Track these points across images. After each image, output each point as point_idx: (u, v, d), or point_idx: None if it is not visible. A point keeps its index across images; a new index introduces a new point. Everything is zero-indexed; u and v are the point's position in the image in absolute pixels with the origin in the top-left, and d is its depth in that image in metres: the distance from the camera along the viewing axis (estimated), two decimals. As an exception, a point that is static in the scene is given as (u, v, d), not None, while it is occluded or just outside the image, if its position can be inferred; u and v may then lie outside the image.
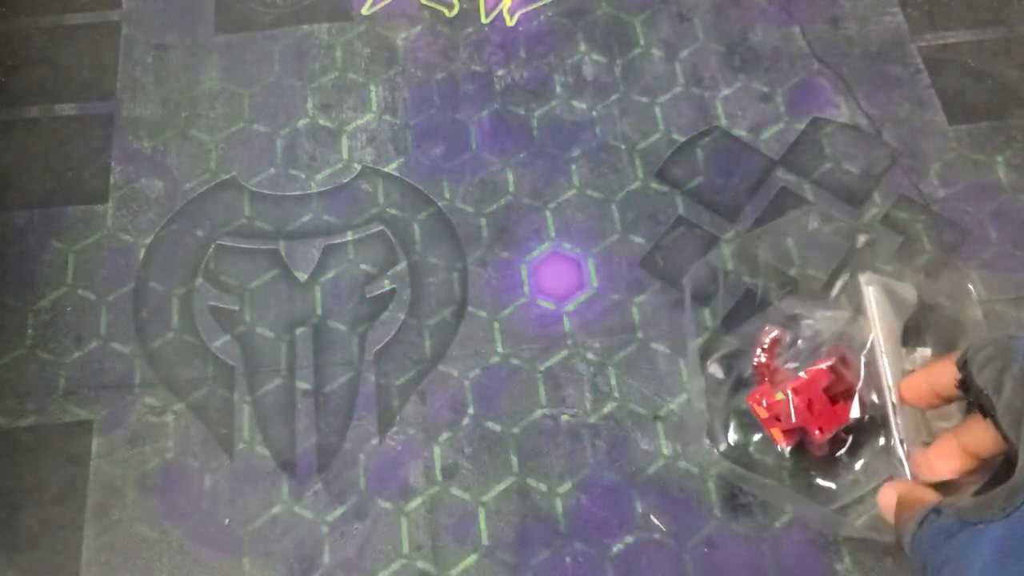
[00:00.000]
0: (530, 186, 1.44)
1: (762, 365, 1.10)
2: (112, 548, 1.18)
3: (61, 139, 1.51)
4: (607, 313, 1.32)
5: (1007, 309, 1.30)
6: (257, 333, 1.33)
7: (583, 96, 1.52)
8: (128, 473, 1.23)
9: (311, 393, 1.27)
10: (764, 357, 1.10)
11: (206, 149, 1.49)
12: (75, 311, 1.35)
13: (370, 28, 1.60)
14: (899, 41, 1.56)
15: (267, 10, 1.62)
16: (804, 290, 1.28)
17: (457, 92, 1.53)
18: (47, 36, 1.61)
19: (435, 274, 1.37)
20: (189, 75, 1.57)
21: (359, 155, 1.48)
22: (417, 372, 1.29)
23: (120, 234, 1.42)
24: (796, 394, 0.94)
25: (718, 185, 1.43)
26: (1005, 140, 1.46)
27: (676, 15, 1.60)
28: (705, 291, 1.32)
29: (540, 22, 1.59)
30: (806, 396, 0.94)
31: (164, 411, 1.27)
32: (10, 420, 1.27)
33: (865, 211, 1.40)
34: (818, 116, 1.48)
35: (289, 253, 1.39)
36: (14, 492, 1.22)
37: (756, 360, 1.12)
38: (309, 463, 1.22)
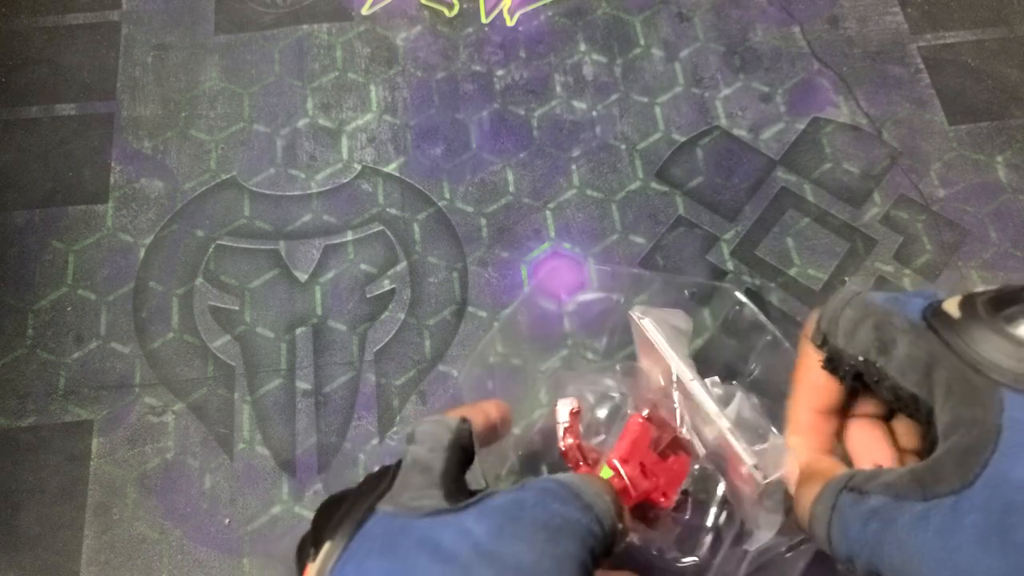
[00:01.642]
0: (530, 186, 1.44)
1: (571, 448, 0.89)
2: (112, 548, 1.18)
3: (61, 139, 1.50)
4: (607, 313, 1.32)
5: (1007, 309, 1.30)
6: (257, 333, 1.33)
7: (583, 96, 1.52)
8: (128, 473, 1.23)
9: (311, 393, 1.27)
10: (570, 438, 0.89)
11: (206, 149, 1.49)
12: (75, 311, 1.35)
13: (370, 28, 1.60)
14: (899, 41, 1.56)
15: (267, 10, 1.62)
16: (572, 360, 1.15)
17: (457, 92, 1.53)
18: (47, 36, 1.61)
19: (435, 274, 1.37)
20: (189, 75, 1.56)
21: (359, 155, 1.48)
22: (417, 372, 1.29)
23: (120, 234, 1.42)
24: (625, 463, 0.77)
25: (718, 185, 1.43)
26: (1005, 140, 1.46)
27: (676, 15, 1.60)
28: (705, 291, 1.32)
29: (540, 22, 1.59)
30: (636, 462, 0.76)
31: (164, 411, 1.27)
32: (10, 420, 1.27)
33: (865, 211, 1.40)
34: (818, 116, 1.48)
35: (289, 253, 1.39)
36: (14, 492, 1.22)
37: (563, 444, 0.90)
38: (309, 463, 1.22)
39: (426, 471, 0.48)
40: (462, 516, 0.43)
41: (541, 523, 0.44)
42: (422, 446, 0.50)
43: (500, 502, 0.44)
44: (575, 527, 0.45)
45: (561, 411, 0.91)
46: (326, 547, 0.44)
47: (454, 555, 0.40)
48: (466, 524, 0.42)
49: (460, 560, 0.40)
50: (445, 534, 0.42)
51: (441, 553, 0.41)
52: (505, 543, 0.42)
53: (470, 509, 0.44)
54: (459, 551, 0.41)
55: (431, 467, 0.48)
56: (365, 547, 0.43)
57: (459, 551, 0.41)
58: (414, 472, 0.48)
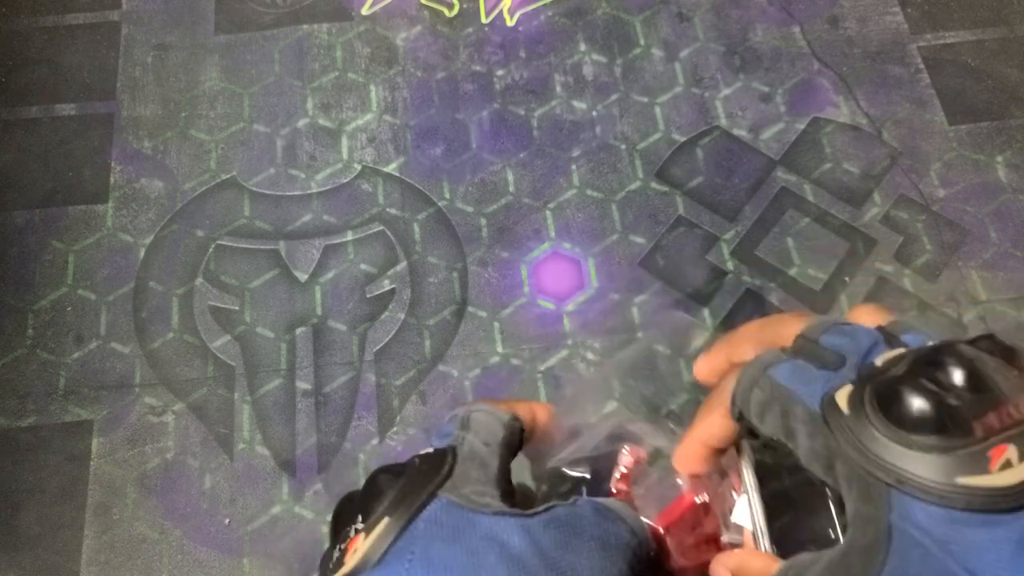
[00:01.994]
0: (530, 186, 1.44)
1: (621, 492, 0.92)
2: (112, 548, 1.18)
3: (61, 139, 1.50)
4: (607, 313, 1.32)
5: (1007, 309, 1.30)
6: (257, 333, 1.33)
7: (583, 96, 1.52)
8: (128, 473, 1.23)
9: (311, 393, 1.27)
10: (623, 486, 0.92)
11: (206, 149, 1.49)
12: (75, 311, 1.35)
13: (370, 28, 1.60)
14: (899, 41, 1.56)
15: (267, 10, 1.62)
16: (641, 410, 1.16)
17: (457, 92, 1.53)
18: (47, 36, 1.61)
19: (435, 274, 1.37)
20: (189, 75, 1.56)
21: (359, 155, 1.48)
22: (417, 372, 1.29)
23: (120, 234, 1.42)
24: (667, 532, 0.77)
25: (718, 185, 1.43)
26: (1005, 140, 1.46)
27: (676, 15, 1.60)
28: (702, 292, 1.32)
29: (540, 22, 1.59)
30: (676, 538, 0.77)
31: (164, 411, 1.27)
32: (10, 420, 1.27)
33: (865, 211, 1.40)
34: (818, 116, 1.48)
35: (289, 253, 1.39)
36: (14, 492, 1.22)
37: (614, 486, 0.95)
38: (309, 463, 1.22)
39: (484, 467, 0.48)
40: (530, 522, 0.44)
41: (600, 540, 0.45)
42: (478, 437, 0.50)
43: (563, 514, 0.45)
44: (625, 547, 0.47)
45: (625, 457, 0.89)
46: (385, 522, 0.45)
47: (521, 558, 0.42)
48: (534, 530, 0.44)
49: (526, 563, 0.42)
50: (513, 536, 0.43)
51: (509, 553, 0.42)
52: (569, 554, 0.43)
53: (538, 517, 0.45)
54: (526, 554, 0.42)
55: (488, 464, 0.49)
56: (431, 531, 0.43)
57: (526, 554, 0.42)
58: (473, 465, 0.48)
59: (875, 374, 0.42)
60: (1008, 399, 0.38)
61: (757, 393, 0.45)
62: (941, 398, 0.38)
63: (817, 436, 0.42)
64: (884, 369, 0.41)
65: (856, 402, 0.41)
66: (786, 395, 0.44)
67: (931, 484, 0.38)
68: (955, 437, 0.38)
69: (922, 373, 0.39)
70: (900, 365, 0.41)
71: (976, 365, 0.38)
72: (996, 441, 0.37)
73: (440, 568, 0.40)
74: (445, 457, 0.48)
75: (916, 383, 0.39)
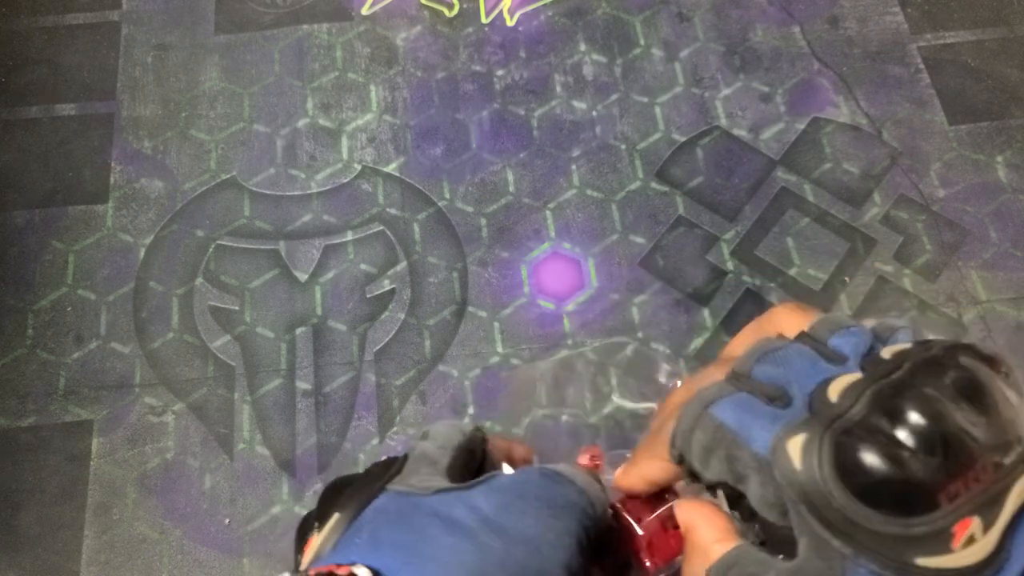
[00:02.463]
0: (530, 186, 1.44)
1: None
2: (112, 548, 1.18)
3: (61, 139, 1.50)
4: (607, 313, 1.32)
5: (1007, 309, 1.30)
6: (257, 333, 1.33)
7: (583, 96, 1.52)
8: (128, 473, 1.23)
9: (311, 393, 1.27)
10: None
11: (206, 149, 1.49)
12: (75, 311, 1.35)
13: (370, 28, 1.60)
14: (899, 41, 1.56)
15: (267, 10, 1.62)
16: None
17: (457, 92, 1.53)
18: (47, 36, 1.61)
19: (435, 274, 1.37)
20: (189, 75, 1.56)
21: (359, 155, 1.48)
22: (417, 372, 1.29)
23: (120, 234, 1.42)
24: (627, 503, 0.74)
25: (718, 185, 1.43)
26: (1005, 140, 1.46)
27: (676, 15, 1.60)
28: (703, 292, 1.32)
29: (540, 22, 1.59)
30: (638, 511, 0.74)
31: (164, 411, 1.27)
32: (10, 420, 1.27)
33: (865, 211, 1.40)
34: (818, 116, 1.48)
35: (289, 253, 1.39)
36: (14, 492, 1.22)
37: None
38: (309, 463, 1.22)
39: (433, 464, 0.48)
40: (470, 493, 0.44)
41: (545, 500, 0.45)
42: (432, 443, 0.51)
43: (506, 482, 0.46)
44: (573, 507, 0.46)
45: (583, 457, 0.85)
46: (335, 517, 0.45)
47: (465, 526, 0.42)
48: (475, 500, 0.44)
49: (470, 530, 0.42)
50: (455, 508, 0.43)
51: (452, 524, 0.42)
52: (512, 516, 0.44)
53: (478, 487, 0.45)
54: (469, 522, 0.42)
55: (438, 461, 0.49)
56: (379, 519, 0.44)
57: (469, 522, 0.42)
58: (422, 463, 0.48)
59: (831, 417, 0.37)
60: (976, 457, 0.34)
61: (699, 435, 0.41)
62: (905, 465, 0.34)
63: (768, 485, 0.38)
64: (840, 410, 0.36)
65: (811, 457, 0.37)
66: (731, 438, 0.40)
67: (887, 562, 0.35)
68: (918, 513, 0.34)
69: (883, 423, 0.35)
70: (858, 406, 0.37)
71: (942, 415, 0.33)
72: (961, 514, 0.33)
73: (387, 546, 0.41)
74: (395, 461, 0.49)
75: (877, 443, 0.34)
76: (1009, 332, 1.29)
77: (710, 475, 0.41)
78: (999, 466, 0.33)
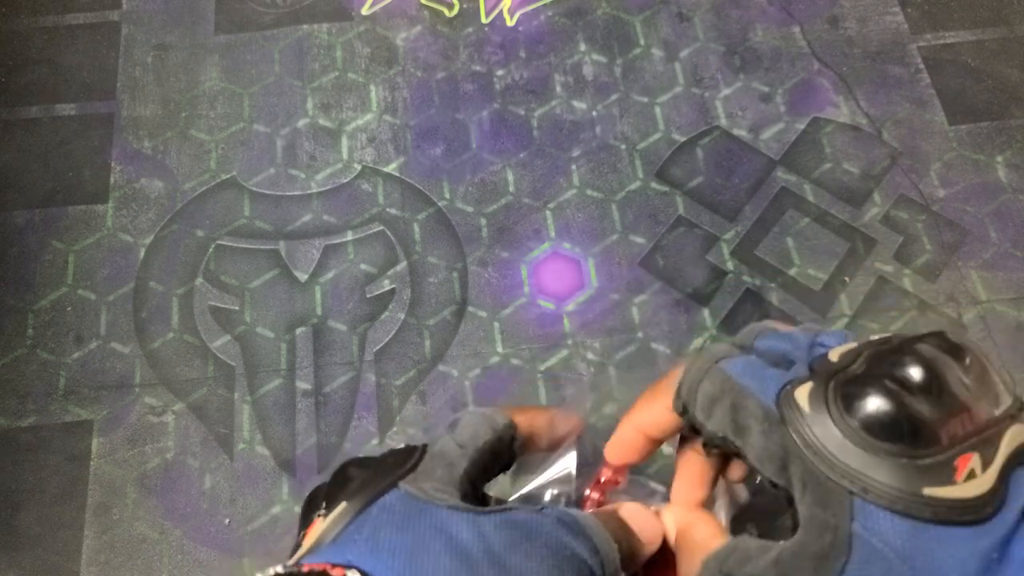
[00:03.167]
0: (530, 186, 1.44)
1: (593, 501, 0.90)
2: (112, 548, 1.18)
3: (61, 139, 1.50)
4: (607, 313, 1.32)
5: (1007, 309, 1.30)
6: (257, 333, 1.33)
7: (583, 96, 1.52)
8: (128, 473, 1.23)
9: (311, 393, 1.27)
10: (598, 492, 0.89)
11: (206, 149, 1.49)
12: (75, 311, 1.35)
13: (370, 28, 1.60)
14: (899, 41, 1.56)
15: (267, 10, 1.62)
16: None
17: (457, 92, 1.53)
18: (47, 36, 1.61)
19: (435, 274, 1.37)
20: (189, 75, 1.56)
21: (359, 155, 1.48)
22: (417, 372, 1.29)
23: (120, 234, 1.42)
24: None
25: (718, 185, 1.43)
26: (1005, 140, 1.46)
27: (676, 15, 1.60)
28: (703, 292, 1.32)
29: (540, 22, 1.59)
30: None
31: (164, 411, 1.27)
32: (10, 420, 1.27)
33: (865, 211, 1.40)
34: (818, 116, 1.48)
35: (289, 253, 1.39)
36: (14, 492, 1.22)
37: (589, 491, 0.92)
38: (309, 463, 1.22)
39: (450, 467, 0.48)
40: (483, 519, 0.44)
41: (553, 549, 0.44)
42: (456, 438, 0.50)
43: (521, 519, 0.45)
44: (580, 564, 0.45)
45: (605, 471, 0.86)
46: (342, 506, 0.45)
47: (467, 551, 0.41)
48: (485, 528, 0.43)
49: (471, 558, 0.41)
50: (463, 529, 0.42)
51: (455, 545, 0.41)
52: (516, 556, 0.43)
53: (492, 516, 0.44)
54: (473, 549, 0.41)
55: (455, 464, 0.48)
56: (383, 517, 0.43)
57: (473, 549, 0.41)
58: (439, 464, 0.48)
59: (835, 370, 0.40)
60: (970, 403, 0.36)
61: (706, 386, 0.43)
62: (908, 403, 0.36)
63: (772, 434, 0.39)
64: (842, 365, 0.40)
65: (818, 401, 0.39)
66: (738, 389, 0.41)
67: (897, 493, 0.36)
68: (923, 445, 0.36)
69: (884, 372, 0.37)
70: (858, 362, 0.39)
71: (936, 366, 0.37)
72: (961, 450, 0.36)
73: (385, 551, 0.40)
74: (413, 453, 0.48)
75: (882, 385, 0.37)
76: (1009, 332, 1.29)
77: (712, 425, 0.42)
78: (991, 414, 0.37)
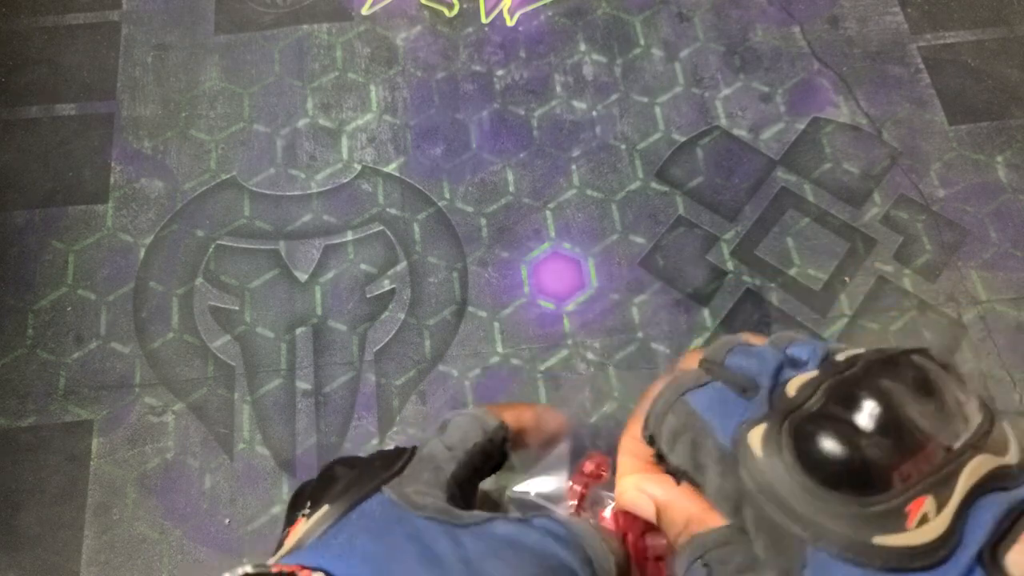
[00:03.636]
0: (530, 186, 1.44)
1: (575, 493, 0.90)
2: (112, 548, 1.18)
3: (61, 139, 1.50)
4: (607, 313, 1.32)
5: (1007, 309, 1.30)
6: (257, 333, 1.33)
7: (583, 96, 1.52)
8: (128, 473, 1.23)
9: (311, 393, 1.27)
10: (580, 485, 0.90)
11: (206, 149, 1.49)
12: (75, 311, 1.35)
13: (370, 28, 1.60)
14: (899, 41, 1.56)
15: (267, 10, 1.62)
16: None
17: (457, 92, 1.53)
18: (47, 36, 1.61)
19: (435, 274, 1.37)
20: (189, 75, 1.56)
21: (359, 155, 1.48)
22: (417, 372, 1.29)
23: (120, 234, 1.42)
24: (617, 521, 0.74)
25: (718, 185, 1.43)
26: (1005, 140, 1.46)
27: (676, 15, 1.60)
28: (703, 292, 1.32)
29: (540, 22, 1.59)
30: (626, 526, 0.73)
31: (164, 411, 1.27)
32: (10, 420, 1.27)
33: (865, 211, 1.40)
34: (818, 116, 1.48)
35: (289, 253, 1.39)
36: (14, 492, 1.22)
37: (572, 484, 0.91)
38: (309, 463, 1.22)
39: (437, 470, 0.47)
40: (460, 530, 0.43)
41: (537, 558, 0.43)
42: (445, 441, 0.49)
43: (502, 531, 0.44)
44: (568, 574, 0.44)
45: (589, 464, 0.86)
46: (324, 509, 0.45)
47: (442, 561, 0.40)
48: (463, 538, 0.42)
49: (447, 567, 0.40)
50: (440, 540, 0.42)
51: (430, 556, 0.41)
52: (497, 564, 0.41)
53: (471, 528, 0.43)
54: (448, 559, 0.41)
55: (442, 468, 0.47)
56: (361, 523, 0.43)
57: (448, 559, 0.41)
58: (426, 467, 0.47)
59: (790, 408, 0.39)
60: (927, 440, 0.35)
61: (670, 419, 0.43)
62: (860, 447, 0.35)
63: (728, 475, 0.39)
64: (799, 401, 0.38)
65: (771, 445, 0.38)
66: (699, 426, 0.41)
67: (847, 542, 0.35)
68: (874, 492, 0.35)
69: (839, 411, 0.36)
70: (815, 397, 0.38)
71: (893, 402, 0.35)
72: (914, 493, 0.35)
73: (359, 558, 0.40)
74: (402, 455, 0.48)
75: (834, 428, 0.36)
76: (1009, 332, 1.29)
77: (674, 459, 0.42)
78: (949, 450, 0.35)
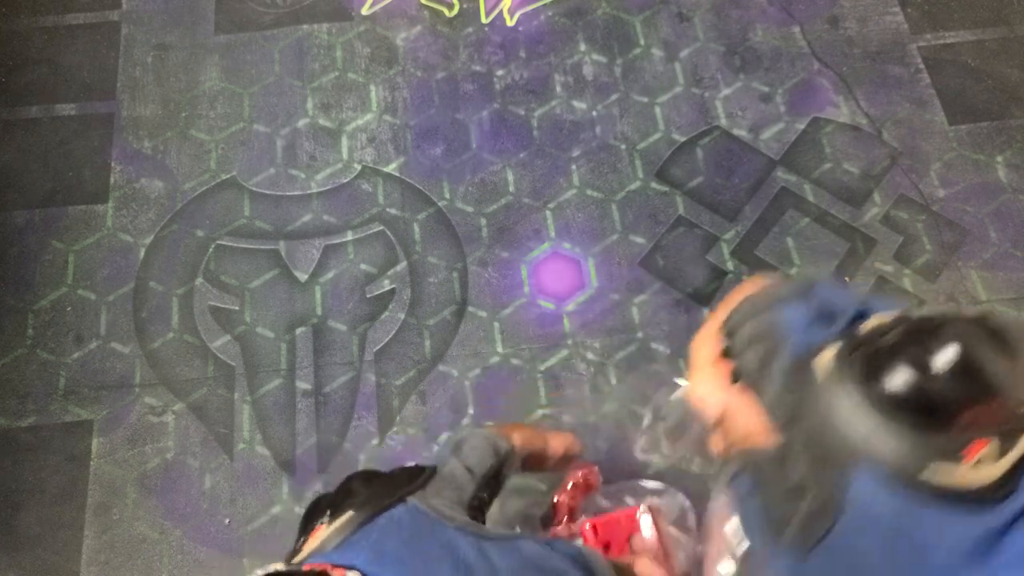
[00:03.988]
0: (530, 186, 1.44)
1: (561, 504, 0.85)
2: (112, 548, 1.18)
3: (61, 139, 1.50)
4: (607, 313, 1.32)
5: (1007, 309, 1.30)
6: (257, 333, 1.33)
7: (583, 96, 1.52)
8: (128, 473, 1.23)
9: (311, 393, 1.27)
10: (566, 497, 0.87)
11: (206, 149, 1.49)
12: (75, 311, 1.35)
13: (370, 28, 1.60)
14: (899, 41, 1.56)
15: (267, 10, 1.62)
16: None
17: (457, 92, 1.53)
18: (47, 36, 1.61)
19: (435, 274, 1.37)
20: (189, 75, 1.56)
21: (359, 155, 1.48)
22: (417, 372, 1.29)
23: (120, 234, 1.42)
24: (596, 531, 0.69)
25: (718, 185, 1.43)
26: (1005, 140, 1.46)
27: (676, 15, 1.60)
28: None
29: (540, 22, 1.59)
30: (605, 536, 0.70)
31: (164, 411, 1.27)
32: (10, 420, 1.27)
33: (865, 211, 1.40)
34: (818, 116, 1.48)
35: (289, 253, 1.39)
36: (14, 492, 1.22)
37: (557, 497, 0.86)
38: (309, 463, 1.22)
39: (459, 490, 0.49)
40: (489, 545, 0.44)
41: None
42: (464, 462, 0.50)
43: (528, 551, 0.45)
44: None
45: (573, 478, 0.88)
46: (348, 514, 0.45)
47: (473, 571, 0.42)
48: (490, 552, 0.43)
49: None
50: (471, 552, 0.43)
51: (462, 565, 0.42)
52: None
53: (500, 543, 0.44)
54: (479, 569, 0.42)
55: (464, 488, 0.49)
56: (390, 528, 0.44)
57: (479, 569, 0.42)
58: (448, 486, 0.48)
59: (865, 340, 0.39)
60: (998, 393, 0.35)
61: (753, 324, 0.44)
62: (929, 381, 0.36)
63: (791, 390, 0.40)
64: (874, 335, 0.39)
65: (839, 368, 0.39)
66: (778, 337, 0.42)
67: (897, 467, 0.36)
68: (936, 424, 0.36)
69: (915, 348, 0.37)
70: (892, 333, 0.39)
71: (972, 350, 0.35)
72: (977, 435, 0.35)
73: (390, 561, 0.40)
74: (423, 472, 0.49)
75: (907, 359, 0.36)
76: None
77: (743, 361, 0.43)
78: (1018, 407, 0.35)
